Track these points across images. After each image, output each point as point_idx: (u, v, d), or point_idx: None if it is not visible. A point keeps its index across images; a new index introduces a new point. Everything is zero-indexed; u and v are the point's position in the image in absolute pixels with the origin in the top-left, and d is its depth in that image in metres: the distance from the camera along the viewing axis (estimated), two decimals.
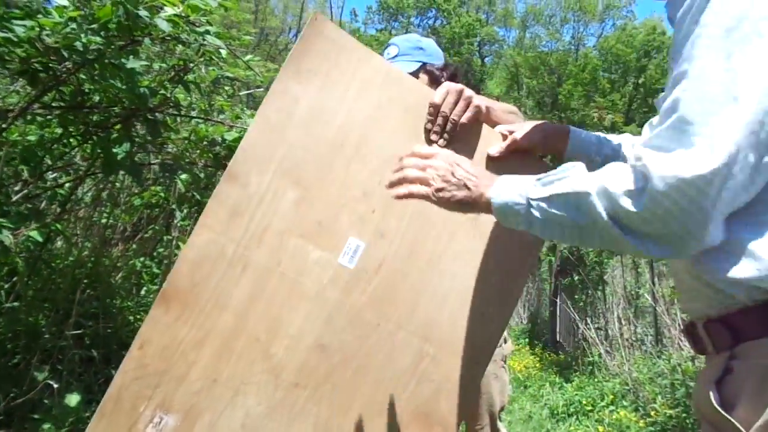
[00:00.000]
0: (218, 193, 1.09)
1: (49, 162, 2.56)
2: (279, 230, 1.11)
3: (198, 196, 3.30)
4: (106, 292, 2.92)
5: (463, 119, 1.19)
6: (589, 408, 5.02)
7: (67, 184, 2.75)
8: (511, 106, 1.48)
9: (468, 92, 1.21)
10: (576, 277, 7.37)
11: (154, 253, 3.49)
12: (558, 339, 8.50)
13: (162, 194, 3.32)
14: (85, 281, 2.78)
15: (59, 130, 2.42)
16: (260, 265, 1.10)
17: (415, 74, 1.87)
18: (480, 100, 1.22)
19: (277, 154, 1.11)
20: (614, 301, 6.67)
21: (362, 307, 1.14)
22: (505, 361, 2.14)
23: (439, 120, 1.19)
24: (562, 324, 8.38)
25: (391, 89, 1.17)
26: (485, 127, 1.22)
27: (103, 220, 3.23)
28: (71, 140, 2.50)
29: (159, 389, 1.06)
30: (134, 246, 3.48)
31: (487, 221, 1.18)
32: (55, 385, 2.08)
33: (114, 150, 2.28)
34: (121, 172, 3.19)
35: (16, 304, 2.29)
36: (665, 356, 4.47)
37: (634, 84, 16.57)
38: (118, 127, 2.37)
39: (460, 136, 1.18)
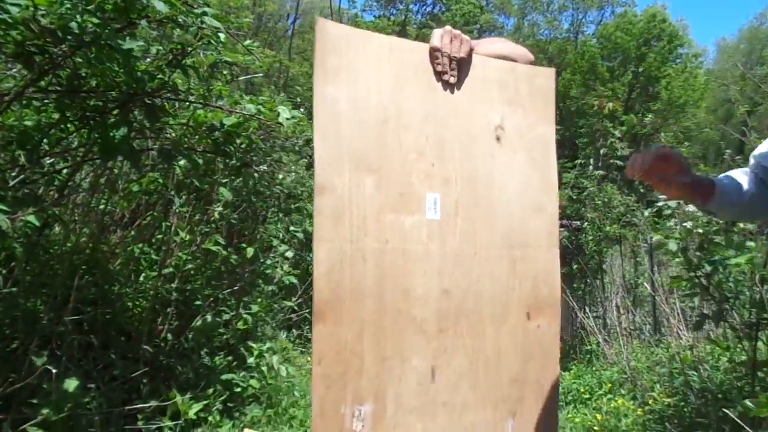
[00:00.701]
0: (318, 208, 1.21)
1: (47, 147, 2.54)
2: (374, 214, 1.25)
3: (197, 183, 3.28)
4: (105, 278, 2.91)
5: (462, 54, 1.33)
6: (587, 396, 5.03)
7: (64, 170, 2.73)
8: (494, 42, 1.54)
9: (457, 31, 1.35)
10: (575, 266, 7.37)
11: (153, 240, 3.47)
12: None
13: (160, 180, 3.29)
14: (83, 267, 2.76)
15: (56, 115, 2.39)
16: (374, 249, 1.24)
17: None
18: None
19: (343, 153, 1.24)
20: (613, 290, 6.68)
21: (458, 247, 1.32)
22: None
23: (444, 60, 1.33)
24: (561, 312, 8.39)
25: (398, 58, 1.32)
26: (475, 56, 1.40)
27: (101, 207, 3.21)
28: (68, 125, 2.47)
29: (348, 388, 1.19)
30: (132, 232, 3.46)
31: (510, 134, 1.40)
32: (54, 371, 2.07)
33: (111, 135, 2.25)
34: (119, 158, 3.18)
35: (14, 289, 2.28)
36: (664, 345, 4.48)
37: (634, 72, 16.50)
38: (115, 112, 2.34)
39: (462, 67, 1.36)
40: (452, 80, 1.34)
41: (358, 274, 1.21)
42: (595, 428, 3.96)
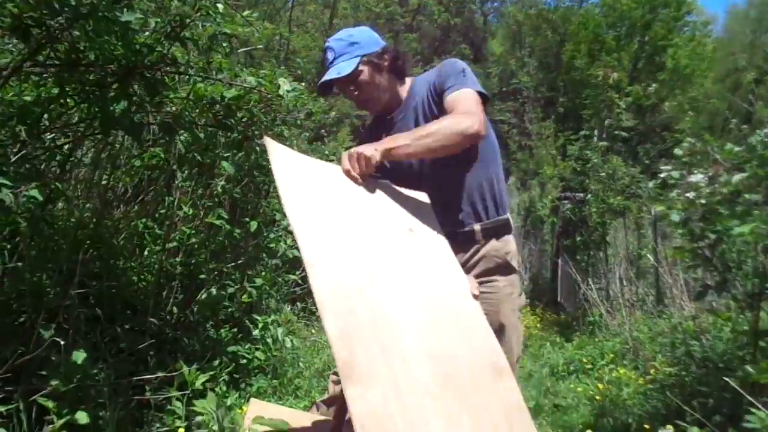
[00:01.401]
0: (313, 283, 1.34)
1: (47, 123, 2.53)
2: (356, 288, 1.42)
3: (199, 157, 3.27)
4: (109, 253, 2.93)
5: (361, 174, 1.68)
6: (589, 366, 5.08)
7: (65, 146, 2.73)
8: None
9: (360, 150, 1.68)
10: (578, 238, 7.37)
11: (156, 215, 3.48)
12: (559, 300, 8.56)
13: (162, 155, 3.29)
14: (88, 242, 2.78)
15: (56, 90, 2.38)
16: (370, 319, 1.38)
17: (357, 70, 1.93)
18: (366, 150, 1.68)
19: (318, 239, 1.44)
20: (616, 262, 6.69)
21: (423, 316, 1.52)
22: (520, 311, 2.15)
23: (353, 176, 1.68)
24: (564, 285, 8.42)
25: (329, 172, 1.67)
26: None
27: (104, 182, 3.21)
28: (68, 100, 2.46)
29: None
30: (136, 208, 3.47)
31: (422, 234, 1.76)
32: (62, 342, 2.10)
33: (111, 109, 2.24)
34: (120, 134, 3.17)
35: (19, 264, 2.29)
36: (666, 316, 4.50)
37: (640, 42, 16.23)
38: (115, 86, 2.33)
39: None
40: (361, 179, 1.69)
41: (363, 340, 1.32)
42: (597, 397, 4.01)
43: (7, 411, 1.94)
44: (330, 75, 1.93)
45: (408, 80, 2.10)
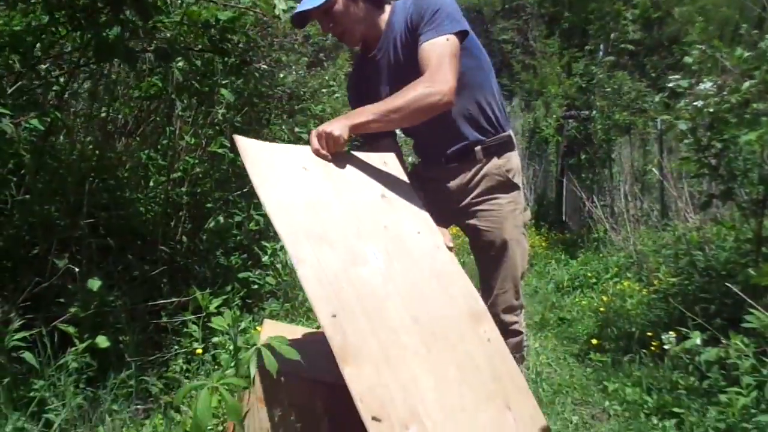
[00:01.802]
0: (302, 278, 1.44)
1: (39, 53, 2.48)
2: (341, 271, 1.51)
3: (197, 85, 3.22)
4: (115, 185, 2.94)
5: (330, 152, 1.74)
6: (594, 281, 5.18)
7: (61, 78, 2.69)
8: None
9: (328, 129, 1.71)
10: (583, 156, 7.32)
11: (159, 145, 3.47)
12: (564, 219, 8.60)
13: (160, 84, 3.24)
14: (92, 175, 2.79)
15: (45, 18, 2.32)
16: (352, 296, 1.47)
17: (330, 0, 1.85)
18: (333, 128, 1.71)
19: (298, 231, 1.53)
20: (621, 179, 6.68)
21: (403, 283, 1.63)
22: (525, 227, 2.17)
23: (322, 155, 1.74)
24: (569, 204, 8.45)
25: (299, 155, 1.73)
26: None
27: (103, 115, 3.19)
28: (60, 28, 2.40)
29: (392, 417, 1.31)
30: (137, 139, 3.46)
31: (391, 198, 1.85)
32: (77, 270, 2.15)
33: (105, 35, 2.20)
34: (117, 65, 3.12)
35: (27, 197, 2.32)
36: (671, 228, 4.54)
37: None
38: (106, 11, 2.27)
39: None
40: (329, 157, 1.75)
41: (351, 320, 1.42)
42: (601, 309, 4.11)
43: (30, 336, 2.01)
44: (303, 5, 1.86)
45: (387, 8, 2.01)
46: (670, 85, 3.46)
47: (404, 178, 1.94)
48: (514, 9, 16.57)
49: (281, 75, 4.41)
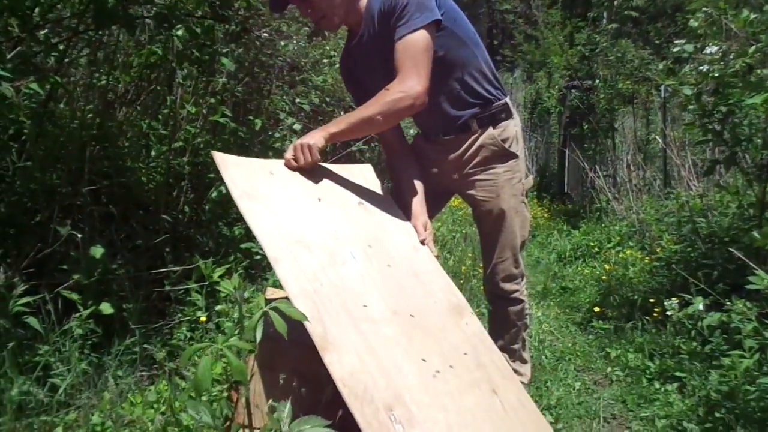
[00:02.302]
0: (280, 277, 1.50)
1: (38, 19, 2.45)
2: (320, 270, 1.57)
3: (197, 53, 3.18)
4: (116, 153, 2.92)
5: (307, 163, 1.80)
6: (596, 250, 5.19)
7: (60, 45, 2.65)
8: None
9: (304, 141, 1.78)
10: (585, 126, 7.28)
11: (159, 115, 3.44)
12: (566, 190, 8.59)
13: (160, 53, 3.19)
14: (93, 143, 2.77)
15: None
16: (331, 292, 1.53)
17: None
18: (310, 139, 1.78)
19: (276, 235, 1.58)
20: (624, 149, 6.64)
21: (383, 279, 1.69)
22: (526, 195, 2.18)
23: (298, 166, 1.81)
24: (571, 175, 8.42)
25: (276, 168, 1.80)
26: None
27: (102, 83, 3.15)
28: None
29: (375, 399, 1.34)
30: (138, 108, 3.42)
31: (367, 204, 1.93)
32: (79, 236, 2.15)
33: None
34: (115, 33, 3.07)
35: (28, 163, 2.30)
36: (674, 196, 4.52)
37: None
38: None
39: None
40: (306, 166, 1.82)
41: (332, 312, 1.47)
42: (603, 278, 4.12)
43: (34, 301, 2.01)
44: None
45: None
46: (675, 50, 3.41)
47: (378, 185, 2.05)
48: None
49: (282, 44, 4.35)
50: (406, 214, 2.01)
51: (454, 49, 1.95)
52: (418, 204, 2.03)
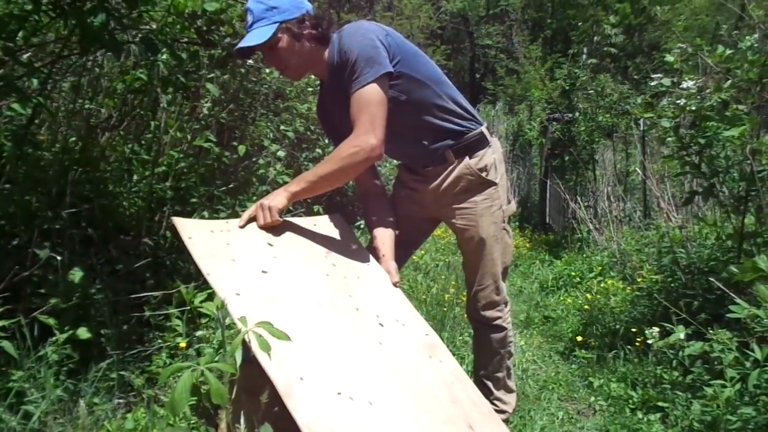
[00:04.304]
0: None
1: (22, 42, 2.44)
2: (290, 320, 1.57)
3: (183, 79, 3.19)
4: (98, 177, 2.89)
5: (267, 224, 1.84)
6: (578, 280, 5.21)
7: (44, 70, 2.64)
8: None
9: (266, 202, 1.82)
10: (566, 158, 7.38)
11: (142, 140, 3.42)
12: (548, 221, 8.66)
13: (144, 78, 3.19)
14: (75, 167, 2.74)
15: (29, 6, 2.28)
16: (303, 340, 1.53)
17: (275, 37, 1.86)
18: (272, 201, 1.83)
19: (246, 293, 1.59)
20: (604, 181, 6.74)
21: (344, 316, 1.72)
22: (508, 222, 2.20)
23: (261, 226, 1.85)
24: (552, 206, 8.50)
25: (235, 228, 1.83)
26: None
27: (87, 106, 3.13)
28: (42, 16, 2.36)
29: None
30: (121, 133, 3.41)
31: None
32: (59, 258, 2.11)
33: (90, 22, 2.16)
34: (99, 57, 3.07)
35: (8, 186, 2.27)
36: (654, 226, 4.57)
37: None
38: None
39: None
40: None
41: (296, 357, 1.47)
42: (586, 307, 4.13)
43: (9, 325, 1.96)
44: (247, 41, 1.86)
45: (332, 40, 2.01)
46: (653, 83, 3.50)
47: (349, 236, 2.07)
48: (498, 15, 16.71)
49: (267, 71, 4.38)
50: (375, 255, 2.04)
51: (415, 92, 1.98)
52: (388, 247, 2.06)
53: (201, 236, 1.73)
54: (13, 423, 1.81)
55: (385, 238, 2.08)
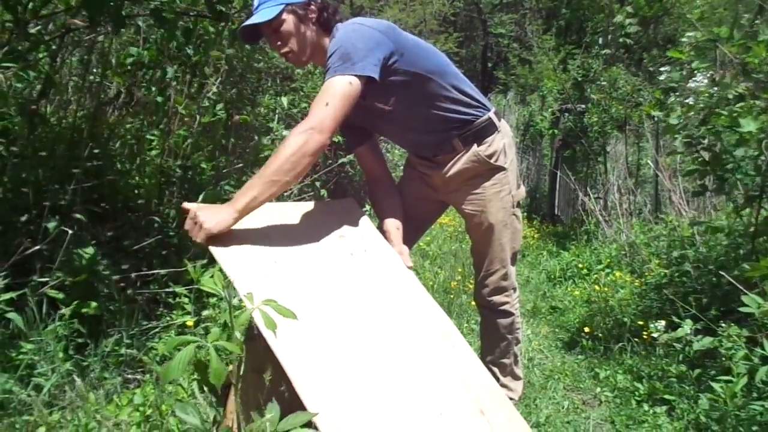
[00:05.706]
0: (274, 349, 1.44)
1: (28, 17, 2.41)
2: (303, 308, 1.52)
3: (191, 53, 3.16)
4: (106, 154, 2.89)
5: (198, 240, 1.61)
6: (585, 272, 5.18)
7: (53, 45, 2.62)
8: None
9: (204, 220, 1.58)
10: (578, 149, 7.32)
11: (153, 117, 3.41)
12: (556, 212, 8.61)
13: (153, 52, 3.16)
14: (85, 143, 2.73)
15: None
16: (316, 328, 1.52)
17: (279, 18, 1.82)
18: (211, 222, 1.59)
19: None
20: (615, 173, 6.69)
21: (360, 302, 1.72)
22: (518, 206, 2.18)
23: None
24: (561, 197, 8.45)
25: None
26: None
27: (96, 80, 3.12)
28: None
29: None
30: (130, 110, 3.39)
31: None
32: (69, 231, 2.10)
33: None
34: (108, 33, 3.04)
35: (16, 160, 2.26)
36: (664, 221, 4.54)
37: None
38: None
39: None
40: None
41: (315, 338, 1.48)
42: (593, 299, 4.11)
43: (18, 298, 1.96)
44: (252, 19, 1.83)
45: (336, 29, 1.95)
46: (662, 78, 3.44)
47: (362, 220, 2.03)
48: (512, 3, 16.55)
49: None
50: (386, 240, 2.03)
51: (417, 88, 1.94)
52: (398, 232, 2.06)
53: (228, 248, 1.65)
54: (24, 395, 1.81)
55: (394, 223, 2.08)
